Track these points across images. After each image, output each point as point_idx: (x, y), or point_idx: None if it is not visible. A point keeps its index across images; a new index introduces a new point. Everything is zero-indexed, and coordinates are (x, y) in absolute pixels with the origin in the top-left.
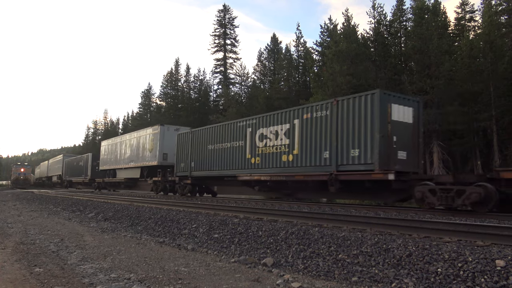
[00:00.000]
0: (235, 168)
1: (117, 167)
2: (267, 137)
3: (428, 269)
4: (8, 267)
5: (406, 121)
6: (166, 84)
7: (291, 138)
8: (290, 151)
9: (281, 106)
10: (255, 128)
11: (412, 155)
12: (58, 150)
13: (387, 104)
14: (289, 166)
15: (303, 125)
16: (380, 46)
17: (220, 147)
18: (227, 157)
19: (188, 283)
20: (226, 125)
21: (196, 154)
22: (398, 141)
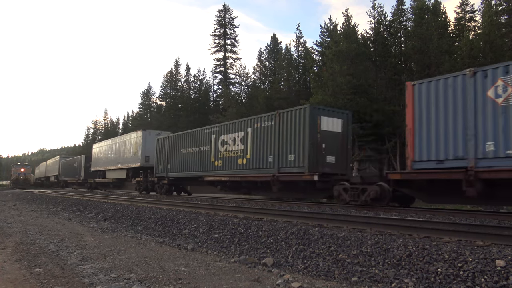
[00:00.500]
0: (202, 170)
1: (106, 168)
2: (227, 143)
3: (428, 269)
4: (8, 267)
5: (335, 131)
6: (166, 84)
7: (245, 144)
8: (244, 155)
9: (281, 106)
10: (218, 135)
11: (340, 159)
12: (58, 150)
13: (317, 116)
14: (243, 168)
15: (255, 133)
16: (380, 46)
17: (191, 151)
18: (196, 160)
19: (188, 283)
20: (195, 132)
21: (172, 157)
22: (327, 147)
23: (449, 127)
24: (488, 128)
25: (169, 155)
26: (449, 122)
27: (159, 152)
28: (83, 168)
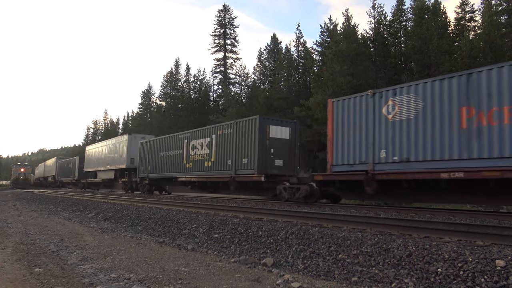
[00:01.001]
0: (176, 171)
1: (97, 169)
2: (196, 147)
3: (428, 269)
4: (8, 267)
5: (283, 138)
6: (166, 84)
7: (210, 149)
8: (210, 158)
9: (281, 106)
10: (189, 140)
11: (288, 162)
12: (58, 150)
13: (266, 125)
14: (209, 170)
15: (218, 139)
16: (380, 46)
17: (168, 154)
18: (172, 162)
19: (188, 283)
20: (171, 137)
21: (152, 160)
22: (275, 152)
23: (356, 137)
24: (382, 138)
25: (150, 157)
26: (357, 133)
27: (141, 155)
28: (77, 168)
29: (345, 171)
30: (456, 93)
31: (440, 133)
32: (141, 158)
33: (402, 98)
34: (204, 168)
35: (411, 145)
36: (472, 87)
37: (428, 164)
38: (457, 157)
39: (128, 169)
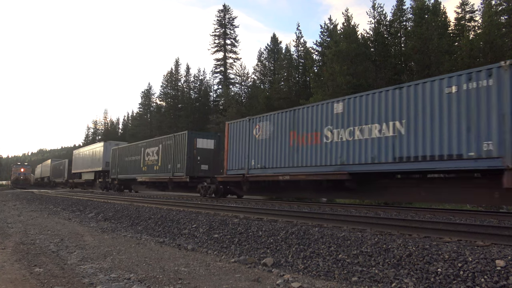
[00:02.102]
0: (136, 173)
1: (82, 171)
2: (149, 154)
3: (428, 269)
4: (8, 267)
5: (208, 148)
6: (166, 84)
7: (158, 156)
8: (157, 163)
9: (281, 106)
10: (145, 148)
11: (213, 167)
12: (58, 150)
13: (194, 138)
14: (157, 173)
15: (163, 148)
16: (380, 46)
17: (131, 159)
18: (133, 166)
19: (188, 283)
20: (133, 145)
21: (120, 163)
22: (201, 159)
23: (240, 150)
24: (252, 151)
25: (119, 161)
26: (240, 147)
27: (113, 159)
28: (67, 170)
29: (233, 174)
30: (288, 121)
31: (280, 148)
32: (112, 162)
33: (263, 123)
34: (154, 171)
35: (266, 157)
36: (296, 118)
37: (274, 170)
38: (287, 166)
39: (103, 171)
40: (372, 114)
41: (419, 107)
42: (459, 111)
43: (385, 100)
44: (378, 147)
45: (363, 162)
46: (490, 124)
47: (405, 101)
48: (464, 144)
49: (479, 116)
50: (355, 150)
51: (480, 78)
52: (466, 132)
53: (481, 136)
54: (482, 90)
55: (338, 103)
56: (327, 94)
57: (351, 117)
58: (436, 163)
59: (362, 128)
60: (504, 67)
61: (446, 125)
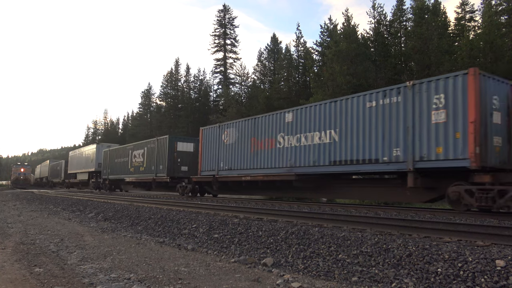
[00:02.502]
0: (125, 174)
1: (77, 171)
2: (136, 156)
3: (428, 269)
4: (8, 267)
5: (188, 150)
6: (166, 84)
7: (143, 158)
8: (143, 165)
9: (281, 106)
10: (132, 150)
11: (192, 168)
12: (58, 150)
13: (174, 142)
14: (142, 173)
15: (147, 151)
16: (380, 46)
17: (120, 160)
18: (122, 167)
19: (188, 283)
20: (123, 147)
21: (111, 164)
22: (181, 161)
23: (211, 153)
24: (221, 155)
25: (110, 163)
26: (212, 151)
27: (104, 160)
28: (63, 170)
29: (206, 175)
30: (250, 128)
31: (243, 152)
32: (104, 163)
33: (230, 129)
34: (140, 171)
35: (232, 159)
36: (256, 126)
37: (238, 171)
38: (248, 168)
39: (96, 171)
40: (315, 123)
41: (349, 118)
42: (377, 123)
43: (324, 112)
44: (318, 152)
45: (306, 165)
46: (398, 134)
47: (338, 113)
48: (380, 150)
49: (391, 127)
50: (301, 154)
51: (392, 95)
52: (382, 140)
53: (392, 144)
54: (393, 105)
55: (289, 113)
56: (327, 94)
57: (298, 125)
58: (360, 166)
59: (306, 135)
60: (408, 87)
61: (367, 134)
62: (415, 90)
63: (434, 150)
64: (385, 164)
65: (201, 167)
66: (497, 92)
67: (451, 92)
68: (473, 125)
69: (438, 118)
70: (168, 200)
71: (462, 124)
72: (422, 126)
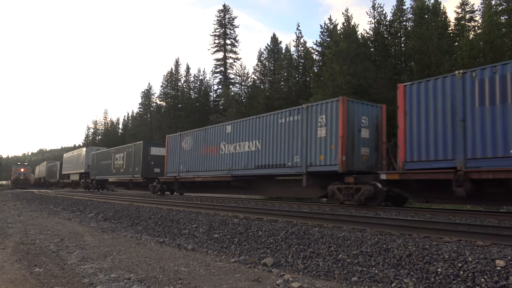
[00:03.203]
0: (108, 175)
1: (70, 172)
2: (117, 159)
3: (428, 269)
4: (8, 267)
5: (161, 154)
6: (166, 84)
7: (124, 161)
8: (123, 167)
9: (281, 106)
10: (114, 154)
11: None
12: (58, 150)
13: (148, 147)
14: (122, 174)
15: (127, 154)
16: (380, 46)
17: (105, 162)
18: (106, 168)
19: (188, 283)
20: (107, 151)
21: (98, 166)
22: (154, 164)
23: (174, 158)
24: (182, 159)
25: (96, 164)
26: (175, 155)
27: (92, 162)
28: (58, 171)
29: (170, 176)
30: (202, 137)
31: (197, 157)
32: (92, 164)
33: (188, 137)
34: (120, 173)
35: (189, 163)
36: (206, 135)
37: (193, 173)
38: (200, 170)
39: (85, 172)
40: (246, 134)
41: (269, 131)
42: (285, 135)
43: (252, 125)
44: (247, 158)
45: (240, 169)
46: (298, 145)
47: (261, 127)
48: (286, 157)
49: (293, 139)
50: (236, 159)
51: (294, 114)
52: (287, 149)
53: (294, 152)
54: (295, 122)
55: (229, 125)
56: (327, 94)
57: (235, 136)
58: (275, 169)
59: (240, 144)
60: (304, 108)
61: (280, 144)
62: (308, 111)
63: (318, 158)
64: (289, 168)
65: (167, 169)
66: (367, 113)
67: (329, 114)
68: (341, 139)
69: (321, 133)
70: (168, 200)
71: (335, 138)
72: (311, 139)
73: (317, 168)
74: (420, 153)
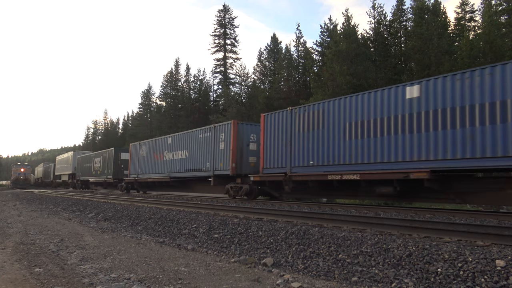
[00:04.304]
0: (89, 176)
1: (61, 173)
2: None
3: (428, 269)
4: (8, 267)
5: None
6: (166, 84)
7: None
8: (100, 169)
9: (281, 106)
10: (94, 157)
11: None
12: (58, 150)
13: (119, 153)
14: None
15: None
16: (380, 46)
17: (87, 165)
18: (88, 170)
19: (188, 283)
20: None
21: (81, 168)
22: (124, 167)
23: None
24: (140, 164)
25: (80, 167)
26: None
27: (77, 165)
28: (52, 172)
29: (131, 177)
30: (152, 146)
31: (150, 162)
32: (77, 167)
33: (144, 146)
34: (98, 174)
35: (145, 167)
36: (156, 144)
37: (147, 175)
38: (152, 173)
39: (73, 174)
40: (180, 145)
41: (192, 143)
42: (202, 147)
43: (184, 138)
44: (180, 164)
45: (175, 171)
46: (209, 154)
47: (188, 140)
48: (203, 163)
49: (206, 150)
50: (174, 165)
51: (207, 132)
52: (203, 157)
53: (206, 160)
54: (208, 138)
55: (169, 138)
56: (327, 94)
57: (173, 146)
58: (195, 173)
59: (176, 152)
60: (213, 127)
61: (199, 153)
62: (215, 129)
63: (219, 164)
64: (204, 171)
65: (130, 172)
66: (255, 131)
67: (226, 132)
68: (231, 151)
69: (221, 146)
70: (168, 200)
71: (230, 150)
72: (216, 150)
73: (219, 172)
74: (271, 162)
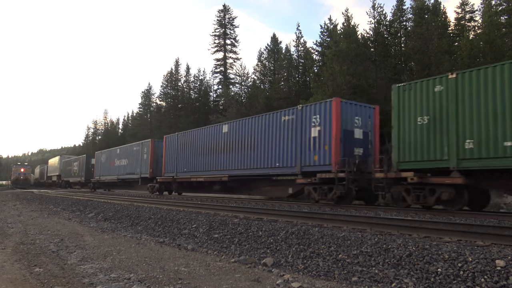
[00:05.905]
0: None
1: (52, 174)
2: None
3: (428, 269)
4: (8, 267)
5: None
6: (166, 84)
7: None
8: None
9: (281, 106)
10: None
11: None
12: (58, 150)
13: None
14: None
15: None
16: (380, 46)
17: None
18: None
19: (188, 283)
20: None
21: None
22: (93, 170)
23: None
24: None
25: (64, 169)
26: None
27: (62, 167)
28: (46, 174)
29: (96, 179)
30: (110, 154)
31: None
32: (62, 169)
33: (104, 154)
34: (75, 175)
35: (104, 170)
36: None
37: (104, 177)
38: (108, 175)
39: (59, 175)
40: (123, 155)
41: (130, 154)
42: (136, 157)
43: (125, 150)
44: (124, 168)
45: (120, 174)
46: (139, 162)
47: (127, 151)
48: (136, 168)
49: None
50: (119, 169)
51: (139, 146)
52: (136, 164)
53: (138, 166)
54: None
55: (118, 149)
56: (327, 94)
57: (122, 155)
58: (132, 175)
59: (121, 160)
60: (144, 142)
61: (133, 161)
62: (143, 145)
63: (144, 169)
64: (135, 174)
65: (94, 174)
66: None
67: (146, 147)
68: (150, 160)
69: (144, 157)
70: (168, 200)
71: (148, 160)
72: (142, 159)
73: (144, 175)
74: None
